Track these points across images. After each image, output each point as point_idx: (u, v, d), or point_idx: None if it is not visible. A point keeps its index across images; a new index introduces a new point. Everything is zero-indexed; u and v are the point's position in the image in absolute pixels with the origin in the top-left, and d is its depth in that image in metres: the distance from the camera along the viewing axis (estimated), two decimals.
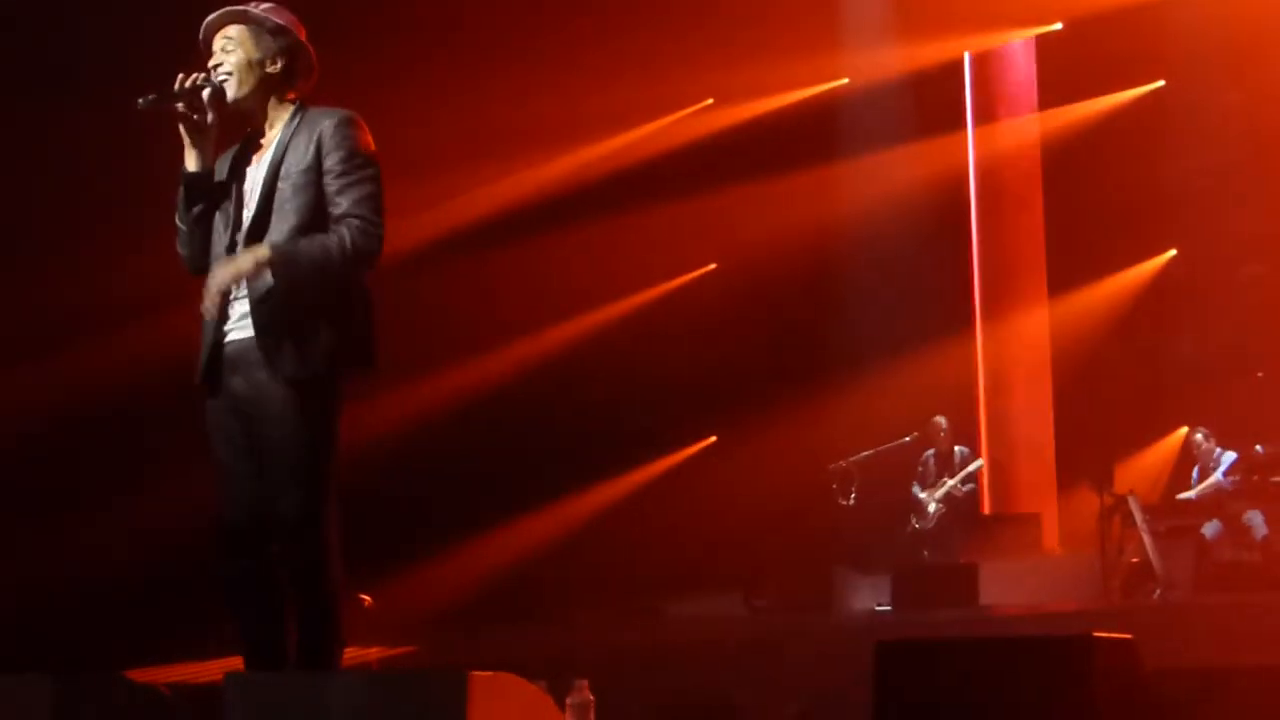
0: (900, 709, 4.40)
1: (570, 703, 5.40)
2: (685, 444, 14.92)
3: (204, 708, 4.36)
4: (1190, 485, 12.49)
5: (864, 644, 4.61)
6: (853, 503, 13.43)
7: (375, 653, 9.15)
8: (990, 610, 10.65)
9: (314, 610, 4.53)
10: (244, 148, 4.80)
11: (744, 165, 14.85)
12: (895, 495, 13.52)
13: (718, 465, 14.50)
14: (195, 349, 4.70)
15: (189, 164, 4.69)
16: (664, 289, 14.93)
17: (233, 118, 4.75)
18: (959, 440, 13.80)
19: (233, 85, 4.67)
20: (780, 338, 15.03)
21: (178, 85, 4.61)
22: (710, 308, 14.81)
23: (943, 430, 13.44)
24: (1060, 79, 14.74)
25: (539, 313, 13.55)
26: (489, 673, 4.02)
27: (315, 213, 4.60)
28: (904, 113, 15.00)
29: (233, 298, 4.63)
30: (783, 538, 13.41)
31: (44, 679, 4.56)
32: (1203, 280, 14.25)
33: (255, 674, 4.53)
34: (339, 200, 4.58)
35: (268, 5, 4.78)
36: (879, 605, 11.90)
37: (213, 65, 4.69)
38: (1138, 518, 11.56)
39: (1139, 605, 10.73)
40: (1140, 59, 14.32)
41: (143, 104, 4.58)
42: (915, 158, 14.93)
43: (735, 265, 14.74)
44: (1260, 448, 12.05)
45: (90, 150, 9.56)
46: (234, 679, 4.29)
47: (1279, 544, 11.31)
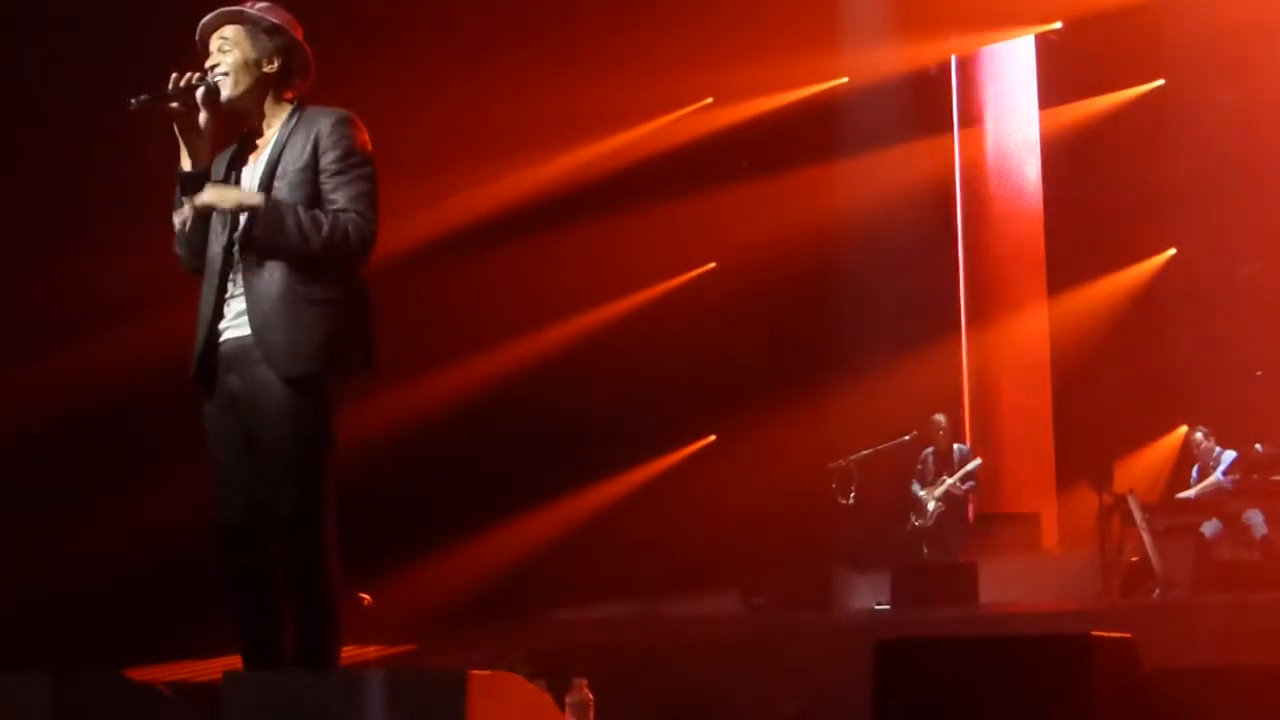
0: (899, 708, 4.40)
1: (569, 701, 5.41)
2: (684, 443, 14.91)
3: (203, 706, 4.36)
4: (1190, 484, 12.47)
5: (863, 643, 4.61)
6: (852, 501, 13.41)
7: (374, 651, 9.15)
8: (989, 609, 10.64)
9: (312, 609, 4.52)
10: (241, 147, 4.79)
11: (743, 164, 14.89)
12: (894, 494, 13.51)
13: (717, 464, 14.49)
14: (193, 348, 4.68)
15: (185, 164, 4.68)
16: (663, 288, 14.92)
17: (231, 117, 4.74)
18: (959, 438, 13.80)
19: (228, 85, 4.66)
20: (780, 336, 15.04)
21: (172, 85, 4.60)
22: (709, 307, 14.80)
23: (942, 429, 13.41)
24: (1060, 78, 14.74)
25: (537, 311, 13.54)
26: (489, 671, 4.03)
27: None
28: (903, 112, 14.99)
29: (228, 296, 4.63)
30: (782, 536, 13.41)
31: (44, 677, 4.56)
32: (1202, 279, 14.24)
33: (254, 673, 4.53)
34: (334, 197, 4.57)
35: (264, 5, 4.77)
36: (878, 604, 11.90)
37: (209, 65, 4.68)
38: (1137, 516, 11.56)
39: (1138, 604, 10.73)
40: (1140, 58, 14.31)
41: (136, 104, 4.56)
42: (914, 157, 14.93)
43: (735, 264, 14.73)
44: (1260, 446, 12.03)
45: (89, 149, 9.56)
46: (233, 678, 4.29)
47: (1279, 543, 11.30)
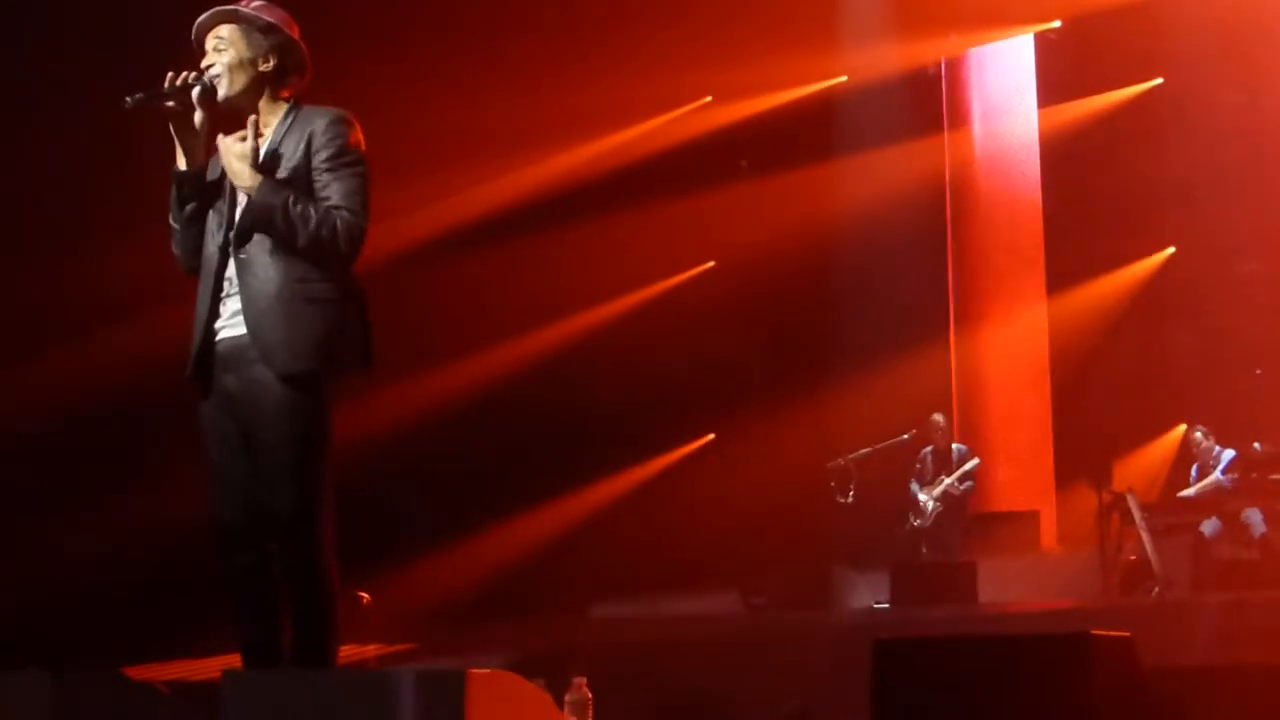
0: (898, 707, 4.40)
1: (569, 700, 5.42)
2: (683, 442, 14.91)
3: (202, 706, 4.36)
4: (1189, 483, 12.47)
5: (862, 642, 4.61)
6: (851, 500, 13.41)
7: (373, 650, 9.15)
8: (988, 608, 10.64)
9: (310, 608, 4.52)
10: None
11: (743, 163, 14.89)
12: (893, 493, 13.50)
13: (716, 463, 14.50)
14: (190, 347, 4.69)
15: (180, 163, 4.68)
16: (662, 287, 14.92)
17: (227, 116, 4.73)
18: (958, 437, 13.79)
19: (224, 84, 4.65)
20: (779, 335, 15.04)
21: (167, 84, 4.60)
22: (708, 306, 14.80)
23: (940, 428, 13.41)
24: (1058, 77, 14.74)
25: (536, 310, 13.54)
26: (487, 670, 4.03)
27: None
28: (903, 111, 14.99)
29: (224, 295, 4.63)
30: (781, 535, 13.41)
31: (44, 676, 4.57)
32: (1201, 278, 14.24)
33: (253, 672, 4.54)
34: (326, 195, 4.56)
35: (259, 3, 4.76)
36: (877, 603, 11.90)
37: (205, 65, 4.67)
38: (1136, 515, 11.57)
39: (1137, 603, 10.73)
40: (1138, 57, 14.32)
41: (131, 102, 4.55)
42: (914, 156, 14.94)
43: (734, 263, 14.74)
44: (1259, 445, 12.03)
45: (88, 149, 9.55)
46: (232, 677, 4.29)
47: (1277, 542, 11.30)
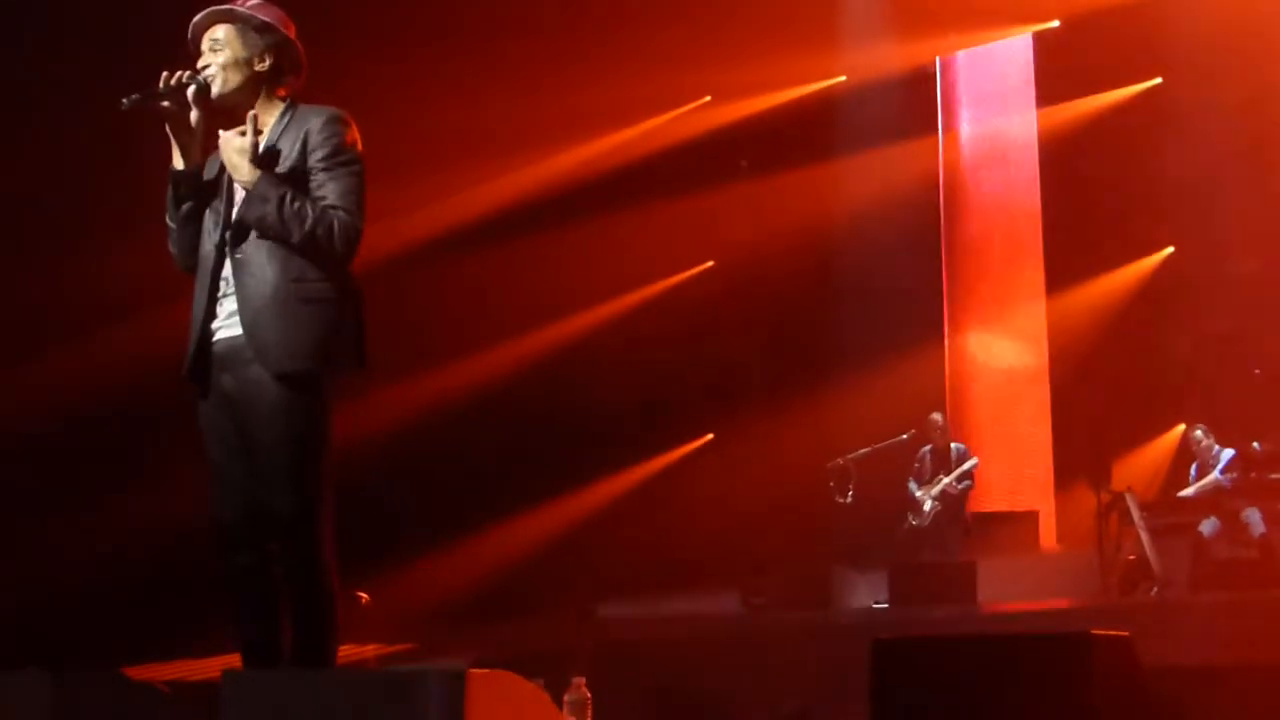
0: (897, 706, 4.40)
1: (568, 700, 5.41)
2: (682, 442, 14.92)
3: (202, 705, 4.36)
4: (1189, 482, 12.46)
5: (861, 641, 4.61)
6: (850, 500, 13.42)
7: (373, 650, 9.15)
8: (987, 608, 10.64)
9: (310, 608, 4.52)
10: None
11: (742, 163, 14.88)
12: (892, 493, 13.50)
13: (716, 463, 14.50)
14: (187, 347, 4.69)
15: (177, 162, 4.68)
16: (661, 287, 14.92)
17: (223, 115, 4.73)
18: (956, 437, 13.79)
19: (219, 83, 4.66)
20: (777, 335, 15.05)
21: (162, 84, 4.59)
22: (707, 305, 14.81)
23: (939, 427, 13.42)
24: (1057, 77, 14.74)
25: (535, 310, 13.54)
26: (487, 670, 4.03)
27: None
28: (902, 110, 15.00)
29: (220, 295, 4.63)
30: (780, 535, 13.41)
31: (43, 676, 4.57)
32: (1200, 277, 14.24)
33: (253, 672, 4.54)
34: (321, 194, 4.56)
35: (255, 3, 4.75)
36: (876, 603, 11.90)
37: (201, 65, 4.68)
38: (1135, 515, 11.57)
39: (1136, 603, 10.73)
40: (1137, 57, 14.32)
41: (127, 103, 4.55)
42: (913, 155, 14.95)
43: (733, 263, 14.74)
44: (1258, 444, 12.04)
45: (87, 149, 9.55)
46: (232, 676, 4.30)
47: (1277, 541, 11.30)
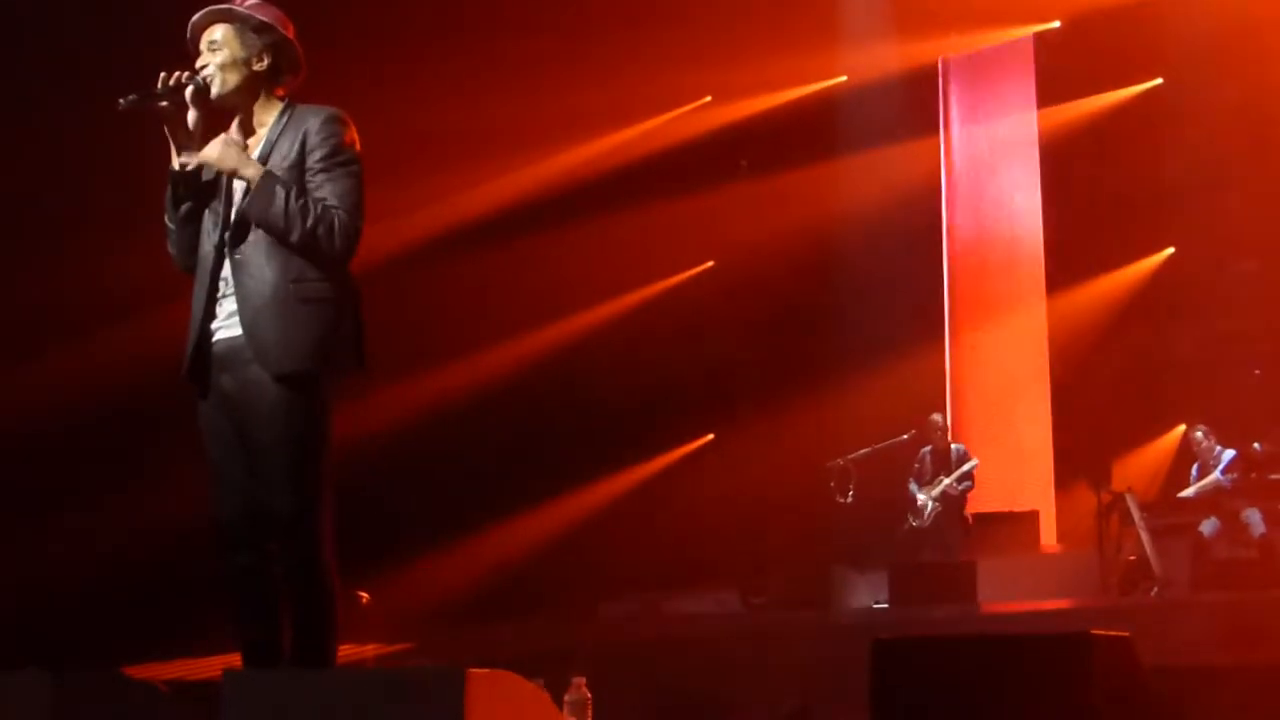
0: (897, 706, 4.40)
1: (568, 700, 5.41)
2: (683, 441, 14.92)
3: (202, 705, 4.36)
4: (1189, 482, 12.46)
5: (861, 641, 4.61)
6: (850, 500, 13.42)
7: (372, 650, 9.15)
8: (988, 608, 10.65)
9: (310, 607, 4.52)
10: None
11: (742, 163, 14.88)
12: (893, 493, 13.51)
13: (716, 463, 14.50)
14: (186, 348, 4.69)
15: (175, 163, 4.67)
16: (661, 287, 14.92)
17: (222, 115, 4.73)
18: (956, 438, 13.80)
19: (217, 83, 4.65)
20: (778, 335, 15.03)
21: (160, 84, 4.59)
22: (707, 305, 14.81)
23: (939, 428, 13.43)
24: (1058, 77, 14.74)
25: (535, 310, 13.54)
26: (487, 670, 4.02)
27: None
28: (902, 110, 15.00)
29: (220, 296, 4.63)
30: (780, 535, 13.41)
31: (43, 676, 4.56)
32: (1200, 277, 14.23)
33: (253, 672, 4.54)
34: (320, 194, 4.55)
35: (253, 3, 4.75)
36: (876, 603, 11.91)
37: (199, 65, 4.67)
38: (1135, 515, 11.58)
39: (1136, 603, 10.74)
40: (1138, 57, 14.31)
41: (125, 103, 4.54)
42: (913, 155, 14.95)
43: (733, 263, 14.74)
44: (1258, 445, 12.04)
45: (87, 149, 9.55)
46: (232, 676, 4.30)
47: (1277, 541, 11.31)
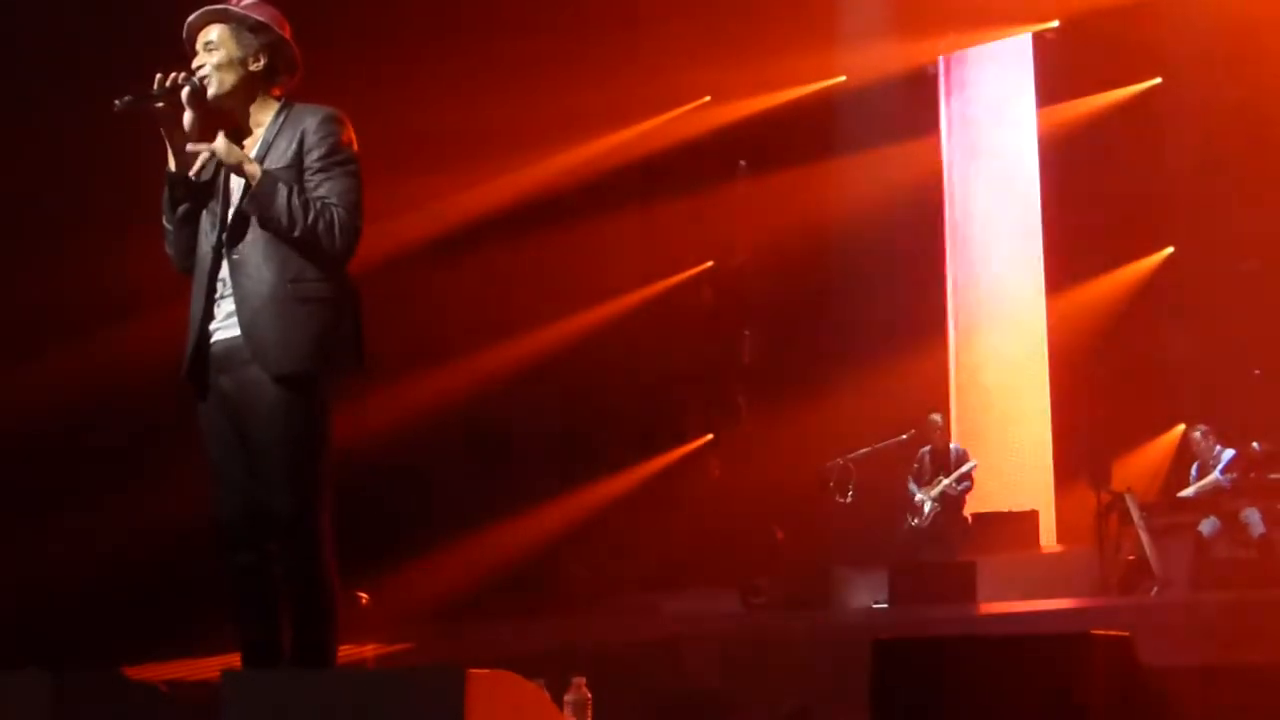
0: (897, 707, 4.40)
1: (568, 700, 5.40)
2: (682, 442, 14.92)
3: (202, 705, 4.36)
4: (1189, 482, 12.46)
5: (861, 641, 4.61)
6: (850, 500, 13.42)
7: (372, 650, 9.15)
8: (987, 608, 10.64)
9: (310, 608, 4.52)
10: None
11: (741, 163, 14.88)
12: (892, 493, 13.51)
13: (716, 463, 14.50)
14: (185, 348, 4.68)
15: (172, 164, 4.67)
16: (661, 287, 14.93)
17: (219, 116, 4.72)
18: (958, 437, 13.79)
19: (214, 84, 4.65)
20: (777, 335, 15.04)
21: (157, 85, 4.58)
22: (707, 305, 14.81)
23: (939, 428, 13.43)
24: (1057, 76, 14.74)
25: (536, 310, 13.55)
26: (487, 670, 4.02)
27: None
28: (902, 110, 15.00)
29: (218, 296, 4.63)
30: (780, 535, 13.40)
31: (43, 676, 4.57)
32: (1200, 277, 14.22)
33: (253, 672, 4.54)
34: (318, 194, 4.56)
35: (249, 2, 4.74)
36: (876, 603, 11.90)
37: (195, 66, 4.67)
38: (1135, 515, 11.59)
39: (1136, 603, 10.73)
40: (1137, 57, 14.31)
41: (121, 104, 4.54)
42: (913, 155, 14.95)
43: (732, 263, 14.75)
44: (1258, 445, 12.04)
45: (87, 149, 9.54)
46: (232, 677, 4.30)
47: (1276, 541, 11.31)
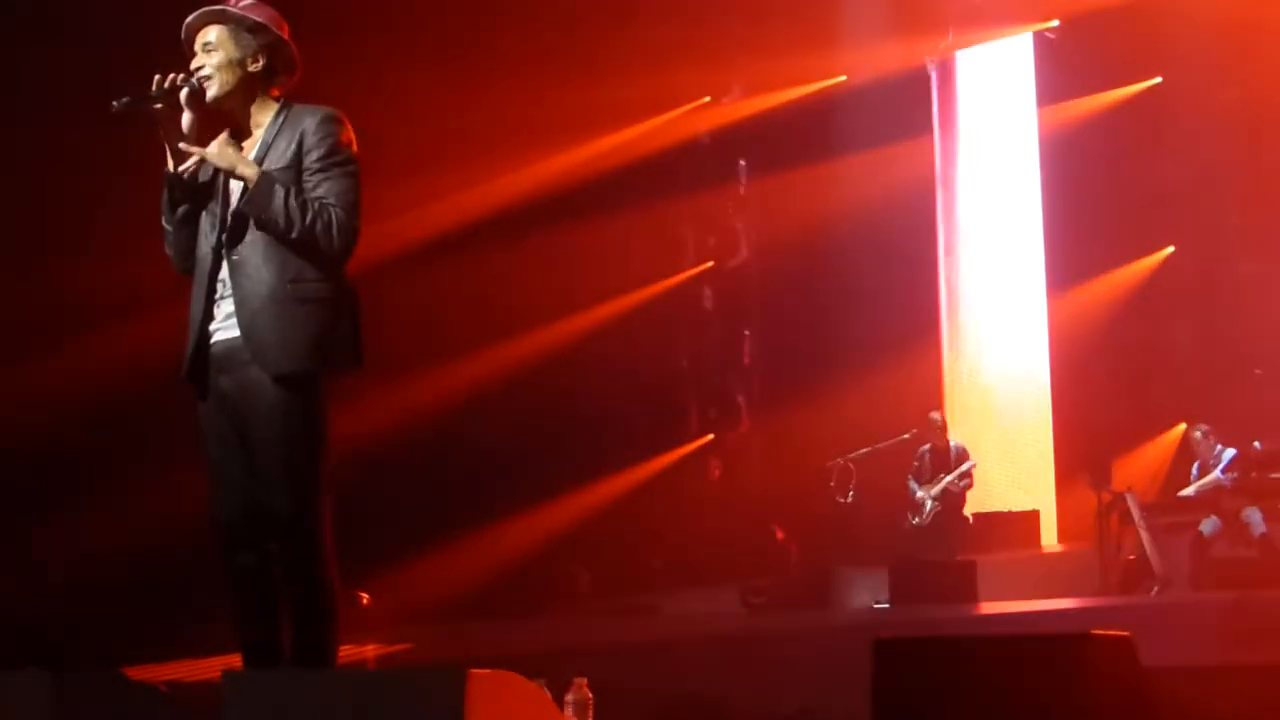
0: (898, 707, 4.40)
1: (569, 700, 5.40)
2: (682, 442, 14.92)
3: (202, 705, 4.36)
4: (1190, 481, 12.46)
5: (862, 641, 4.61)
6: (851, 499, 13.42)
7: (372, 650, 9.15)
8: (988, 607, 10.63)
9: (310, 608, 4.53)
10: None
11: (741, 162, 14.89)
12: (893, 492, 13.52)
13: (715, 462, 14.50)
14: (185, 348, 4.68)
15: (171, 165, 4.67)
16: (661, 287, 14.93)
17: (218, 116, 4.72)
18: (957, 437, 13.79)
19: (213, 85, 4.65)
20: (777, 335, 15.04)
21: (155, 87, 4.58)
22: (707, 305, 14.81)
23: (939, 426, 13.44)
24: (1057, 76, 14.74)
25: (536, 310, 13.55)
26: (488, 670, 4.02)
27: None
28: (901, 110, 15.01)
29: (218, 297, 4.63)
30: (780, 535, 13.41)
31: (43, 676, 4.57)
32: (1200, 277, 14.23)
33: (253, 672, 4.54)
34: (317, 194, 4.56)
35: (248, 3, 4.74)
36: (877, 602, 11.90)
37: (194, 67, 4.66)
38: (1135, 515, 11.59)
39: (1137, 602, 10.73)
40: (1137, 57, 14.31)
41: (119, 106, 4.53)
42: (912, 154, 14.96)
43: (732, 263, 14.75)
44: (1258, 444, 12.04)
45: (88, 150, 9.54)
46: (232, 677, 4.30)
47: (1277, 540, 11.31)
